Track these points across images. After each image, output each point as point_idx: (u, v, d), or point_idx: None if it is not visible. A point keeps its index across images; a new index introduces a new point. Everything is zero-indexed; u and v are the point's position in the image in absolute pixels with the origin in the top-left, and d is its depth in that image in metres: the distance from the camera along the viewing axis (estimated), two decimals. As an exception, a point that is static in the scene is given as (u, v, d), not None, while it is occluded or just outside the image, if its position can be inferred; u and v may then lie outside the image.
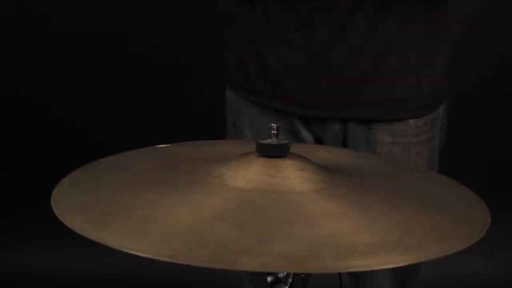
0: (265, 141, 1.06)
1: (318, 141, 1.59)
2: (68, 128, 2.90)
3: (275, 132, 1.06)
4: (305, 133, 1.58)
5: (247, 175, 1.02)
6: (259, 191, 1.00)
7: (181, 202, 0.98)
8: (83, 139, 2.88)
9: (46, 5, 2.80)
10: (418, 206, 1.03)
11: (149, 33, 2.83)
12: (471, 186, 1.14)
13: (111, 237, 0.91)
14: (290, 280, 1.03)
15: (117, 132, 2.85)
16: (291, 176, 1.03)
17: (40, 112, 2.89)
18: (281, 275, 1.03)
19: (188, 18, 2.75)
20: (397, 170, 1.27)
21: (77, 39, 2.82)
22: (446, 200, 1.09)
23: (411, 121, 1.55)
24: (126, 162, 1.16)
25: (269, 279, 1.02)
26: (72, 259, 2.84)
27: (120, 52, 2.85)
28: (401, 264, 0.88)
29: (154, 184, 1.05)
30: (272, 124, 1.06)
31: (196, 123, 2.85)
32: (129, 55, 2.85)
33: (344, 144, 1.57)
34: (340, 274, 1.24)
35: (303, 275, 1.06)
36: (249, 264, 0.85)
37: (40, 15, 2.81)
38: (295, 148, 1.08)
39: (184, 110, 2.87)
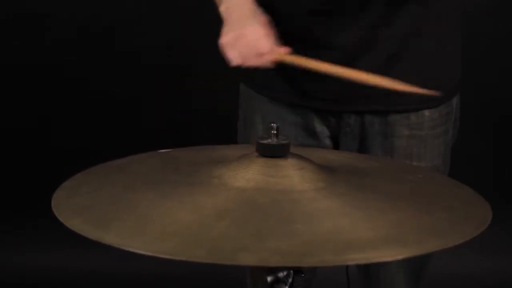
0: (265, 141, 1.06)
1: (335, 137, 1.58)
2: (68, 128, 2.90)
3: (275, 132, 1.06)
4: (320, 128, 1.57)
5: (247, 175, 1.03)
6: (258, 190, 1.00)
7: (181, 202, 0.98)
8: (83, 139, 2.88)
9: (46, 5, 2.80)
10: (418, 204, 1.04)
11: (149, 34, 2.83)
12: (472, 186, 1.14)
13: (110, 236, 0.91)
14: (290, 280, 1.03)
15: (117, 132, 2.85)
16: (291, 176, 1.03)
17: (40, 112, 2.89)
18: (281, 275, 1.03)
19: (190, 17, 2.75)
20: (399, 170, 1.27)
21: (78, 39, 2.82)
22: (447, 199, 1.10)
23: (427, 113, 1.55)
24: (128, 165, 1.17)
25: (269, 279, 1.02)
26: (72, 259, 2.84)
27: (120, 53, 2.85)
28: (399, 257, 0.89)
29: (154, 185, 1.05)
30: (272, 124, 1.06)
31: (196, 124, 2.85)
32: (129, 56, 2.84)
33: (361, 139, 1.57)
34: (347, 268, 1.24)
35: (303, 275, 1.06)
36: (247, 259, 0.86)
37: (40, 15, 2.81)
38: (295, 149, 1.08)
39: (184, 110, 2.87)
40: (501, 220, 1.42)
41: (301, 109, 1.57)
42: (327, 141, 1.58)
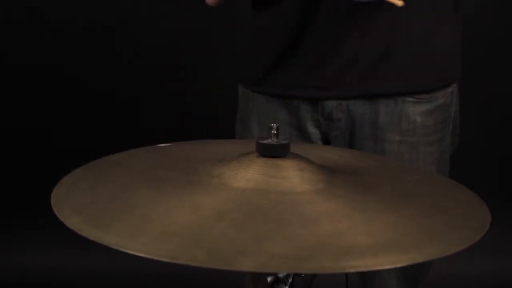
0: (265, 141, 1.06)
1: (326, 139, 1.58)
2: (68, 128, 2.90)
3: (275, 132, 1.06)
4: (313, 130, 1.58)
5: (247, 175, 1.02)
6: (258, 191, 1.00)
7: (180, 202, 0.98)
8: (83, 139, 2.88)
9: (45, 6, 2.80)
10: (418, 207, 1.03)
11: (149, 34, 2.82)
12: (471, 186, 1.13)
13: (109, 237, 0.91)
14: (290, 280, 1.03)
15: (117, 132, 2.85)
16: (291, 176, 1.02)
17: (40, 112, 2.89)
18: (281, 275, 1.02)
19: (188, 18, 2.75)
20: (397, 171, 1.27)
21: (78, 39, 2.82)
22: (446, 201, 1.09)
23: (419, 120, 1.55)
24: (127, 161, 1.16)
25: (269, 279, 1.02)
26: (72, 259, 2.84)
27: (120, 53, 2.85)
28: (399, 265, 0.88)
29: (153, 183, 1.05)
30: (272, 124, 1.06)
31: (196, 124, 2.84)
32: (129, 56, 2.84)
33: (351, 143, 1.56)
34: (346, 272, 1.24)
35: (303, 275, 1.06)
36: (246, 264, 0.85)
37: (40, 15, 2.81)
38: (295, 148, 1.08)
39: (184, 110, 2.87)
40: (501, 220, 1.42)
41: (293, 107, 1.57)
42: (319, 143, 1.58)
